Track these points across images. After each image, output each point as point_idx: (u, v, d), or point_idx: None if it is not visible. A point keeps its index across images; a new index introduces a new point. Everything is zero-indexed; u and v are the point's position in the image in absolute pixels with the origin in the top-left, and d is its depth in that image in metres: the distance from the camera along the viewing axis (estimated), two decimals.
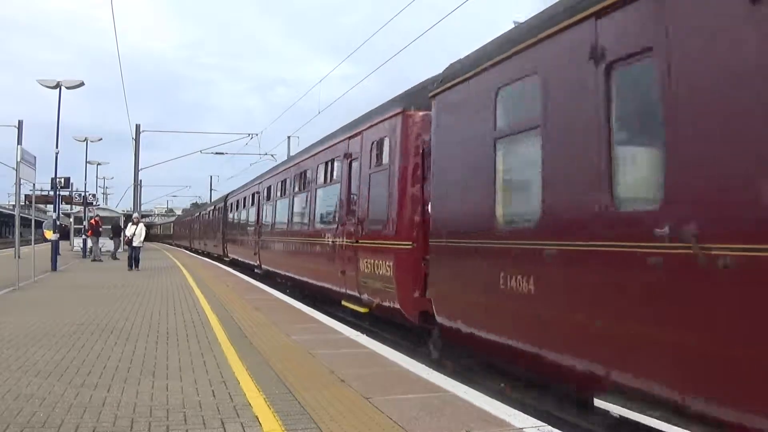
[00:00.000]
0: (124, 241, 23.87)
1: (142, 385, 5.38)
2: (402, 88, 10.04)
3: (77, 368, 6.04)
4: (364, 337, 8.04)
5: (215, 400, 4.91)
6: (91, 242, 28.80)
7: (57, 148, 22.91)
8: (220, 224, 30.59)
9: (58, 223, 24.26)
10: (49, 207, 29.14)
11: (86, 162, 39.42)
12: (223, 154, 40.83)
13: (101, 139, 36.59)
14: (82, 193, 36.91)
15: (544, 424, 4.34)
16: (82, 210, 35.40)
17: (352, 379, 5.57)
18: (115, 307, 10.89)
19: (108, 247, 30.30)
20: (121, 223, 32.12)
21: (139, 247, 21.87)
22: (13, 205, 43.71)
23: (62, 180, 25.24)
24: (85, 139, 35.95)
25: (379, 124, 9.15)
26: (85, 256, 29.69)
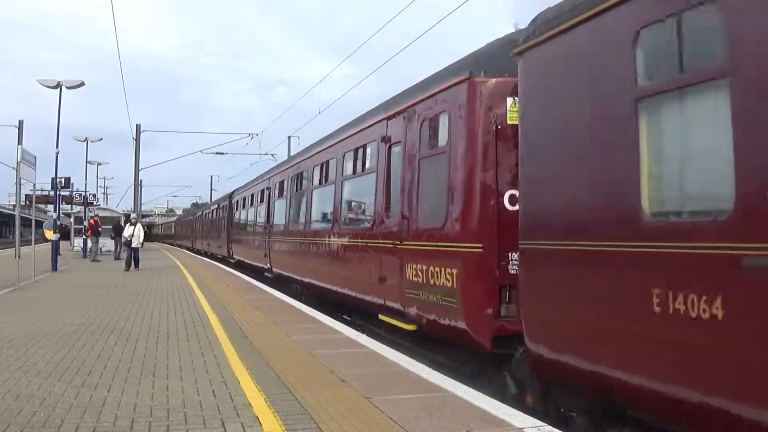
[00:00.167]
0: (123, 242, 23.64)
1: (143, 385, 5.39)
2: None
3: (77, 368, 6.05)
4: (364, 337, 8.04)
5: (215, 400, 4.92)
6: (90, 242, 28.83)
7: (57, 148, 22.98)
8: (225, 223, 29.00)
9: (59, 223, 24.29)
10: (50, 207, 29.16)
11: (86, 162, 39.50)
12: (223, 154, 40.99)
13: (101, 139, 36.68)
14: (83, 193, 36.93)
15: (544, 424, 4.34)
16: (83, 210, 35.43)
17: (352, 379, 5.57)
18: (116, 307, 10.90)
19: (109, 247, 30.32)
20: (122, 223, 32.09)
21: (138, 248, 21.85)
22: (14, 205, 43.69)
23: (62, 180, 25.26)
24: (86, 139, 35.99)
25: (434, 98, 7.44)
26: (85, 256, 29.70)
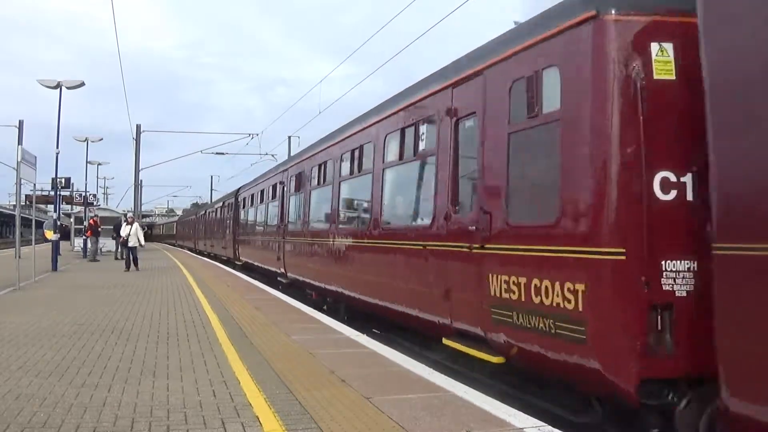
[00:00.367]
0: (120, 242, 23.36)
1: (143, 385, 5.39)
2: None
3: (78, 368, 6.04)
4: (365, 337, 8.04)
5: (216, 400, 4.92)
6: (90, 243, 28.84)
7: (57, 148, 22.98)
8: (231, 223, 27.24)
9: (59, 223, 24.29)
10: (50, 207, 29.18)
11: (87, 162, 39.51)
12: (223, 154, 40.98)
13: (102, 139, 36.65)
14: (83, 194, 36.96)
15: (544, 424, 4.34)
16: (83, 210, 35.44)
17: (352, 379, 5.57)
18: (116, 307, 10.90)
19: (109, 248, 30.31)
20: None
21: (135, 247, 21.70)
22: (14, 205, 43.71)
23: (63, 180, 25.29)
24: (86, 140, 35.97)
25: (535, 49, 5.49)
26: (85, 257, 29.71)
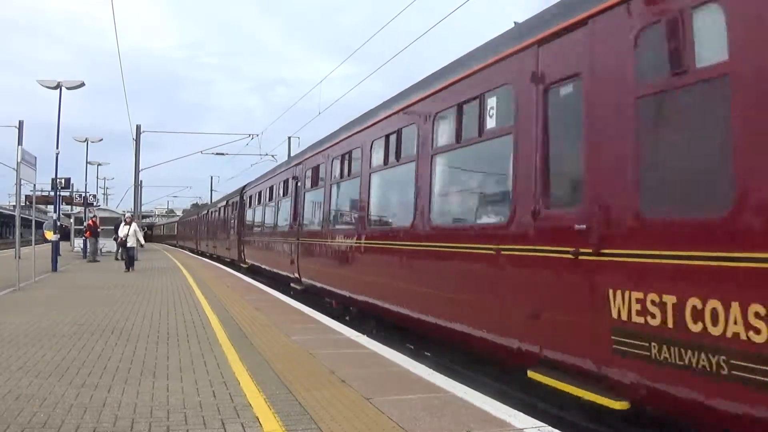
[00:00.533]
0: (118, 243, 23.17)
1: (143, 385, 5.39)
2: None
3: (78, 368, 6.05)
4: (365, 338, 8.04)
5: (216, 401, 4.92)
6: (89, 243, 28.84)
7: (57, 148, 22.96)
8: (235, 223, 25.76)
9: (59, 223, 24.28)
10: (50, 207, 29.15)
11: (87, 162, 39.54)
12: (223, 154, 40.94)
13: (102, 139, 36.67)
14: (83, 194, 36.95)
15: (544, 425, 4.34)
16: (83, 210, 35.44)
17: (352, 380, 5.57)
18: (116, 308, 10.90)
19: (110, 248, 30.29)
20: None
21: (133, 248, 21.65)
22: (14, 206, 43.70)
23: (62, 180, 25.24)
24: (86, 140, 35.99)
25: None
26: (85, 257, 29.72)
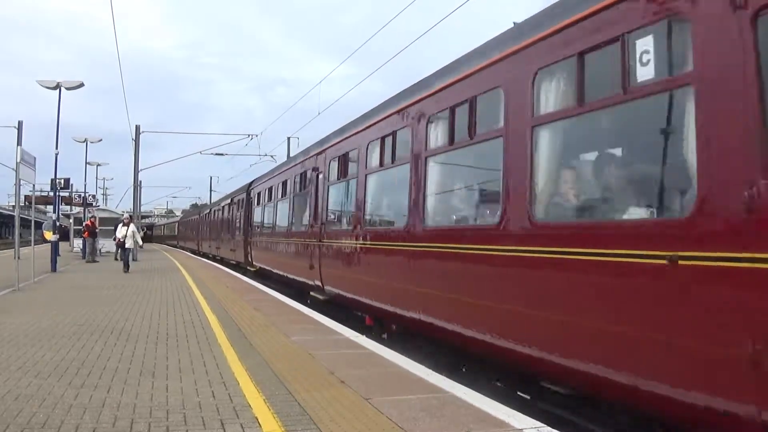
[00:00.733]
0: (116, 243, 23.05)
1: (142, 385, 5.39)
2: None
3: (77, 369, 6.05)
4: (364, 338, 8.04)
5: (215, 401, 4.93)
6: (87, 243, 28.84)
7: (57, 149, 22.96)
8: (242, 222, 23.91)
9: (58, 224, 24.27)
10: (49, 208, 29.15)
11: (86, 163, 39.59)
12: (223, 155, 40.94)
13: (101, 140, 36.69)
14: (82, 194, 36.96)
15: (543, 425, 4.34)
16: (82, 211, 35.43)
17: (352, 380, 5.57)
18: (115, 308, 10.90)
19: (109, 248, 30.28)
20: None
21: (131, 249, 21.55)
22: (13, 206, 43.71)
23: (62, 181, 25.24)
24: (85, 140, 36.02)
25: None
26: (84, 257, 29.71)
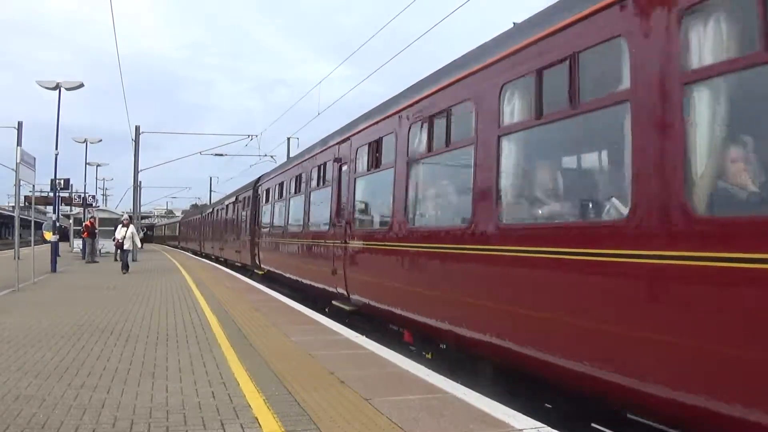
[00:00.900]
0: (115, 244, 22.95)
1: (142, 386, 5.39)
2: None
3: (77, 369, 6.05)
4: (364, 339, 8.04)
5: (215, 402, 4.92)
6: (87, 244, 28.84)
7: (57, 149, 22.95)
8: (248, 222, 22.29)
9: (58, 224, 24.27)
10: (49, 208, 29.14)
11: (86, 163, 39.57)
12: (222, 155, 40.84)
13: (101, 140, 36.67)
14: (82, 195, 36.93)
15: (543, 425, 4.34)
16: (82, 211, 35.41)
17: (352, 380, 5.57)
18: (115, 308, 10.90)
19: (109, 249, 30.28)
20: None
21: (130, 250, 21.52)
22: (13, 207, 43.69)
23: (62, 181, 25.25)
24: (85, 141, 35.99)
25: None
26: (84, 258, 29.71)
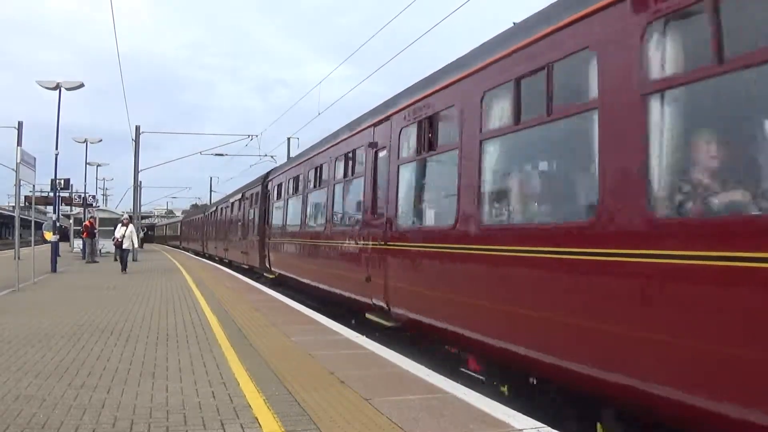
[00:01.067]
0: (114, 243, 22.87)
1: (142, 386, 5.39)
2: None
3: (77, 369, 6.05)
4: (364, 338, 8.04)
5: (215, 402, 4.92)
6: (87, 244, 28.84)
7: (57, 149, 22.95)
8: (256, 221, 20.15)
9: (58, 224, 24.27)
10: (49, 208, 29.14)
11: (86, 163, 39.57)
12: (222, 155, 40.83)
13: (101, 140, 36.66)
14: (82, 195, 36.94)
15: (543, 425, 4.34)
16: (82, 211, 35.42)
17: (352, 380, 5.57)
18: (115, 308, 10.90)
19: (109, 248, 30.28)
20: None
21: (128, 250, 21.52)
22: (13, 207, 43.71)
23: (62, 181, 25.25)
24: (85, 141, 35.99)
25: None
26: (84, 258, 29.72)
